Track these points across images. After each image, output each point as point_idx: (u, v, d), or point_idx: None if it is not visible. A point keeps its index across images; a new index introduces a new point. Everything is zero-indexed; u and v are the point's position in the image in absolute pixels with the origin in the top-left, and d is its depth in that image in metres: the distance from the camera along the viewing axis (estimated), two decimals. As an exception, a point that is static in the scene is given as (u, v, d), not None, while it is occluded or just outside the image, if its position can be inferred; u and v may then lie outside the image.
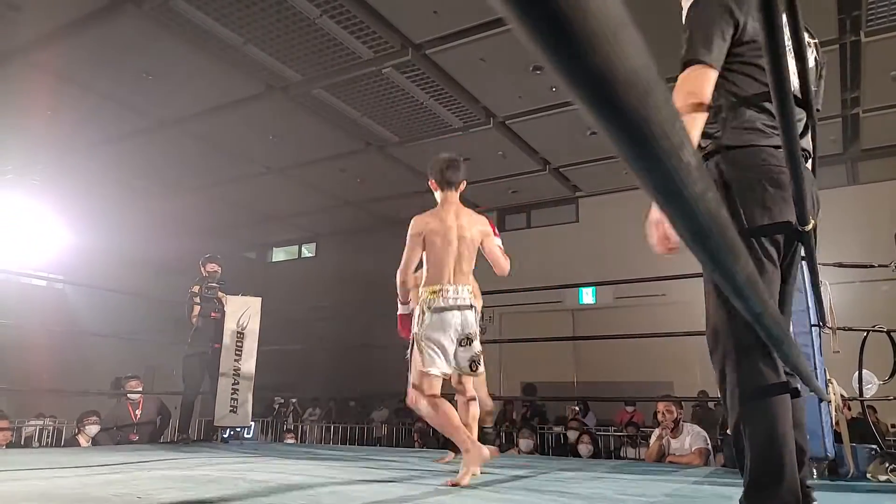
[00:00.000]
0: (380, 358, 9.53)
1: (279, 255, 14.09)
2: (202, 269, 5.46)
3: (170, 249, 8.55)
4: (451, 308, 2.79)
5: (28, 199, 8.07)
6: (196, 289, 5.38)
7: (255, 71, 5.98)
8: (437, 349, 2.74)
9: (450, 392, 3.00)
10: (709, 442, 4.46)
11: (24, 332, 4.44)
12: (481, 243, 2.98)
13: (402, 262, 2.93)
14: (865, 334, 3.26)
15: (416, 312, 2.84)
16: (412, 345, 2.84)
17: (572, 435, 6.13)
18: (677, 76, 1.48)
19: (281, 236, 13.17)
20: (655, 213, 1.36)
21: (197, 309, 5.33)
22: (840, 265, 3.46)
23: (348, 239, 12.07)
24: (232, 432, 5.34)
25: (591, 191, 9.57)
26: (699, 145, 1.55)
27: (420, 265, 2.96)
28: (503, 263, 3.04)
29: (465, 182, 3.05)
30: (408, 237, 2.89)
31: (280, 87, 6.26)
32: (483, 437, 3.28)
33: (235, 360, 5.07)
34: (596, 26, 0.31)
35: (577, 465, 3.36)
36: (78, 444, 5.58)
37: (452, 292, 2.81)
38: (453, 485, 2.46)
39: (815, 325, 2.97)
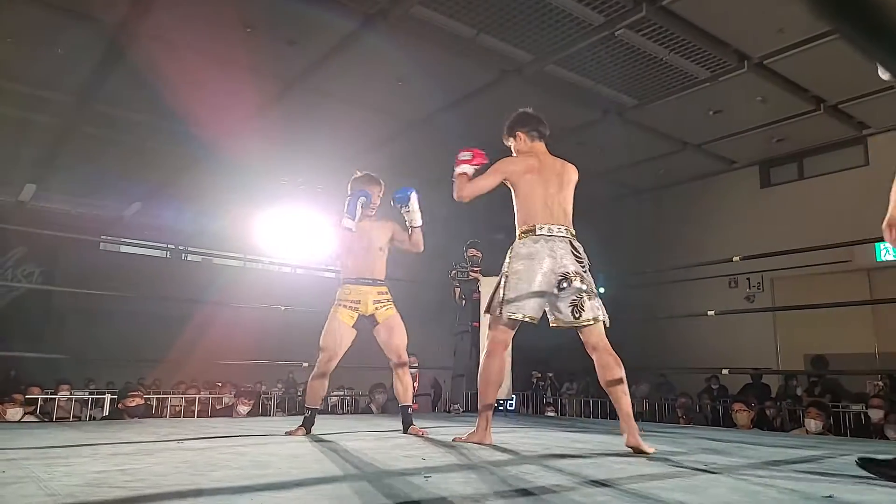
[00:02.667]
0: (632, 333, 9.22)
1: (526, 234, 14.42)
2: (465, 254, 5.90)
3: (433, 237, 9.32)
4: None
5: (317, 205, 9.53)
6: (454, 273, 5.83)
7: (488, 59, 6.19)
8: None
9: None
10: None
11: (323, 317, 5.30)
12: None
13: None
14: None
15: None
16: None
17: (875, 414, 5.21)
18: None
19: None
20: (893, 214, 1.43)
21: (457, 291, 5.79)
22: None
23: (594, 211, 11.85)
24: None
25: (884, 126, 7.92)
26: None
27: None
28: None
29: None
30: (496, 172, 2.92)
31: (513, 69, 6.38)
32: None
33: (494, 337, 5.35)
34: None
35: (884, 449, 2.83)
36: (371, 412, 6.47)
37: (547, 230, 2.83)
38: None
39: None
